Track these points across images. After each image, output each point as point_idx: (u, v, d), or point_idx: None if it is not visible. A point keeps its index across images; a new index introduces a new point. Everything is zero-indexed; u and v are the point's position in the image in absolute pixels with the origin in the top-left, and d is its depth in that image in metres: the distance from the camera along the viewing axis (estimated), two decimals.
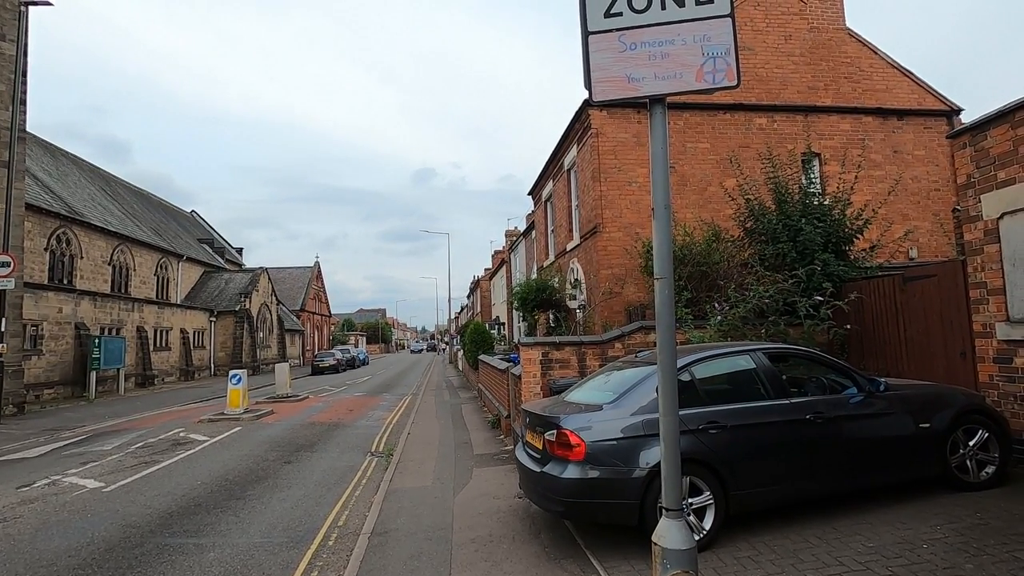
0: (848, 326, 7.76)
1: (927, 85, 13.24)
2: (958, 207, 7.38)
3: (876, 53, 13.23)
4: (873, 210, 9.59)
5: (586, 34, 2.87)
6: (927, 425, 5.10)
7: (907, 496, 5.07)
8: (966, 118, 13.01)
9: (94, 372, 21.12)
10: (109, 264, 26.45)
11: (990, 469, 5.24)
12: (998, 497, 4.96)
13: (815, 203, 9.33)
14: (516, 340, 17.75)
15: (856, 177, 10.02)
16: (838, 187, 9.80)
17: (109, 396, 21.73)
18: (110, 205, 30.02)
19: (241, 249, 50.43)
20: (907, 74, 13.25)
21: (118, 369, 22.97)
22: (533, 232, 22.86)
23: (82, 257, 24.39)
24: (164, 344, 28.76)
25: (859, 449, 4.91)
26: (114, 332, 24.34)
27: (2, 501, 6.99)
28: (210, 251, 42.04)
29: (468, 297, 66.25)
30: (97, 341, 21.38)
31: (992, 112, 5.82)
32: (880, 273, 8.52)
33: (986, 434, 5.26)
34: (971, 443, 5.24)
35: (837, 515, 4.77)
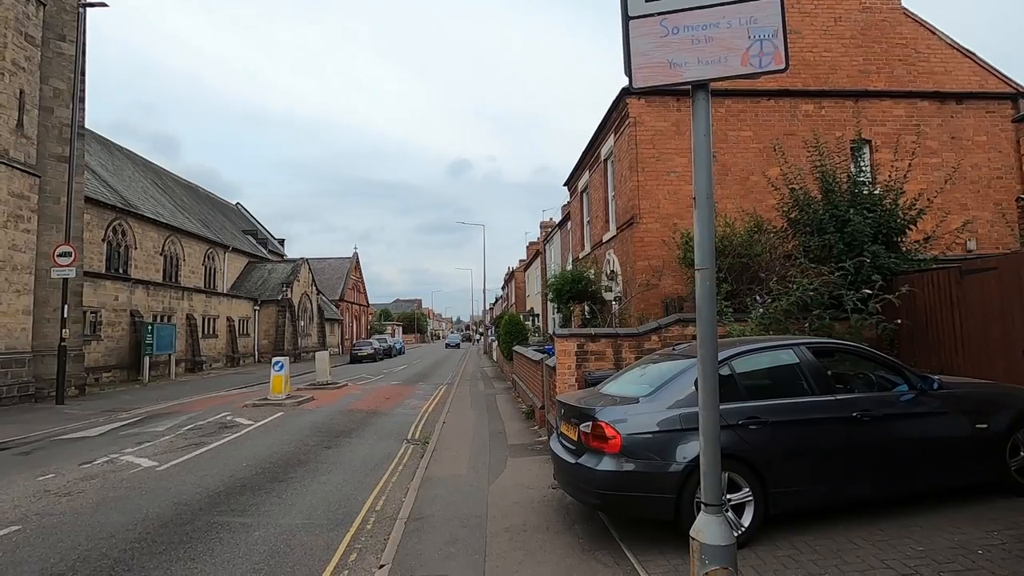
0: (899, 321, 7.43)
1: (990, 66, 12.45)
2: (1022, 196, 6.94)
3: (934, 33, 12.51)
4: (928, 200, 9.12)
5: (627, 19, 2.80)
6: (984, 426, 4.85)
7: (961, 500, 4.85)
8: None
9: (147, 357, 22.21)
10: (161, 254, 27.66)
11: None
12: None
13: (865, 192, 8.93)
14: (551, 331, 17.72)
15: (910, 165, 9.53)
16: (890, 175, 9.35)
17: (161, 380, 22.81)
18: (161, 198, 31.34)
19: (283, 240, 51.92)
20: (968, 55, 12.49)
21: (169, 355, 24.07)
22: (568, 223, 22.70)
23: (136, 247, 25.59)
24: (211, 331, 29.95)
25: (909, 450, 4.71)
26: (166, 319, 25.50)
27: (67, 476, 7.45)
28: (254, 242, 43.44)
29: (503, 288, 66.44)
30: (150, 328, 22.46)
31: None
32: (935, 266, 8.11)
33: None
34: None
35: (884, 517, 4.60)
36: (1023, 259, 6.10)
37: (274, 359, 15.26)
